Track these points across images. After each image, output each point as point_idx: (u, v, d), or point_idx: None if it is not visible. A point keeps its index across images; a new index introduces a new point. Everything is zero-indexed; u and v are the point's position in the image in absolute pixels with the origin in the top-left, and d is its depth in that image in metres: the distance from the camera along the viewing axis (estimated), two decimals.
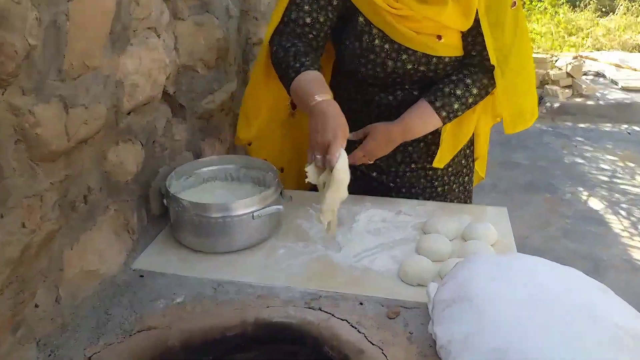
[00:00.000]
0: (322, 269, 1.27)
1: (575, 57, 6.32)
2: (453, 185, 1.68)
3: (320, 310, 1.14)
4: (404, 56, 1.41)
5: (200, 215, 1.26)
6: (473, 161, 1.73)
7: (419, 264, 1.23)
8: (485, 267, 1.04)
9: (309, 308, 1.14)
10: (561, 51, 7.10)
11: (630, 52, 7.21)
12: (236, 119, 1.99)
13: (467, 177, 1.72)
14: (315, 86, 1.26)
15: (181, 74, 1.51)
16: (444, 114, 1.44)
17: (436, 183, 1.64)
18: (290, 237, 1.39)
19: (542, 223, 3.38)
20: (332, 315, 1.12)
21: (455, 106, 1.44)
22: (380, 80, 1.47)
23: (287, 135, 1.70)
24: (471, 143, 1.69)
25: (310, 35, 1.41)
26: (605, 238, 3.20)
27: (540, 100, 5.52)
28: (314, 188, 1.34)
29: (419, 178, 1.63)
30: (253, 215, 1.28)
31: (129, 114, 1.22)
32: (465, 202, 1.74)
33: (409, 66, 1.42)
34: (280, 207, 1.34)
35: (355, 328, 1.08)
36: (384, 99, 1.51)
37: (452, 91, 1.43)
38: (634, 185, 3.92)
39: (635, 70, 6.07)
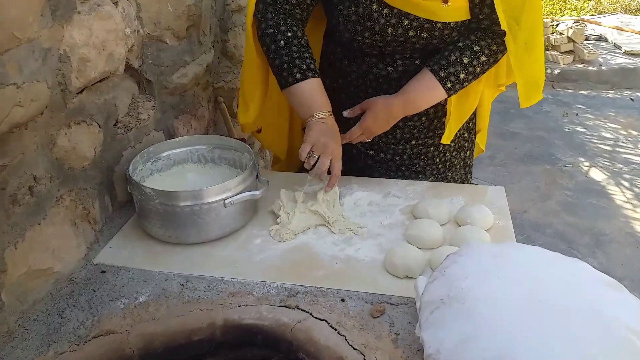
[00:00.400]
0: (301, 260, 1.16)
1: (576, 21, 6.10)
2: (454, 161, 1.56)
3: (298, 308, 1.03)
4: (406, 22, 1.26)
5: (166, 204, 1.14)
6: (475, 134, 1.61)
7: (407, 254, 1.12)
8: (478, 262, 0.93)
9: (285, 307, 1.03)
10: (562, 15, 6.87)
11: (634, 14, 6.98)
12: (216, 93, 1.86)
13: (468, 152, 1.59)
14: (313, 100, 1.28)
15: (147, 45, 1.37)
16: (449, 85, 1.30)
17: (437, 160, 1.52)
18: (267, 225, 1.27)
19: (541, 196, 3.26)
20: (310, 314, 1.01)
21: (462, 76, 1.30)
22: (378, 49, 1.33)
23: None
24: (474, 115, 1.56)
25: (304, 5, 1.32)
26: (607, 211, 3.09)
27: None
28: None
29: (419, 155, 1.50)
30: (225, 203, 1.16)
31: (80, 92, 1.09)
32: (466, 177, 1.63)
33: (411, 33, 1.27)
34: (256, 192, 1.22)
35: (335, 330, 0.98)
36: (383, 70, 1.37)
37: (458, 59, 1.29)
38: (637, 155, 3.79)
39: (638, 33, 5.87)
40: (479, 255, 0.95)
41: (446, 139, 1.42)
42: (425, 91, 1.31)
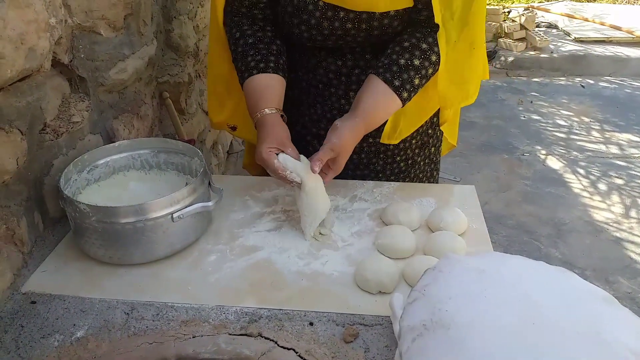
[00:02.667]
0: (263, 279, 1.03)
1: (526, 8, 6.17)
2: (417, 159, 1.46)
3: (261, 336, 0.91)
4: (342, 14, 1.15)
5: (104, 221, 0.99)
6: (440, 131, 1.51)
7: (379, 268, 1.02)
8: (461, 280, 0.83)
9: (246, 335, 0.91)
10: (512, 2, 6.94)
11: (580, 1, 7.12)
12: (161, 88, 1.70)
13: (433, 148, 1.49)
14: (255, 99, 1.18)
15: (77, 37, 1.21)
16: (405, 95, 1.17)
17: (398, 158, 1.42)
18: (223, 238, 1.14)
19: (501, 186, 3.24)
20: (276, 343, 0.90)
21: (416, 81, 1.17)
22: (320, 43, 1.23)
23: None
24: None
25: (261, 5, 1.25)
26: (565, 199, 3.10)
27: (494, 54, 5.37)
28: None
29: (377, 154, 1.40)
30: (173, 217, 1.02)
31: None
32: (432, 175, 1.54)
33: (349, 25, 1.17)
34: (209, 203, 1.08)
35: None
36: (332, 64, 1.27)
37: (409, 62, 1.16)
38: (590, 142, 3.84)
39: (587, 20, 5.98)
40: (461, 271, 0.86)
41: (394, 138, 1.32)
42: (383, 107, 1.18)
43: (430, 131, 1.45)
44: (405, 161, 1.43)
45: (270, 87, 1.20)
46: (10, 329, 0.93)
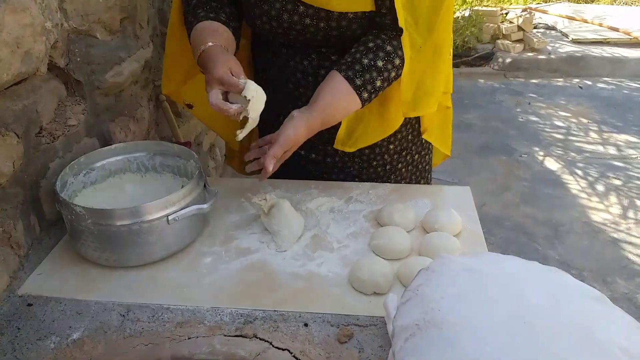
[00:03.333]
0: (258, 281, 1.04)
1: (524, 10, 6.18)
2: (397, 165, 1.44)
3: (256, 337, 0.92)
4: (302, 8, 1.15)
5: (100, 224, 1.00)
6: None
7: (374, 269, 1.02)
8: (454, 280, 0.84)
9: (241, 336, 0.92)
10: (510, 4, 6.95)
11: (577, 2, 7.14)
12: (157, 91, 1.70)
13: (417, 155, 1.48)
14: (203, 36, 1.12)
15: (73, 41, 1.21)
16: (365, 95, 1.16)
17: (375, 163, 1.40)
18: (218, 240, 1.14)
19: (499, 188, 3.25)
20: (270, 344, 0.90)
21: (378, 83, 1.16)
22: (282, 38, 1.23)
23: None
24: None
25: None
26: (563, 201, 3.11)
27: (492, 55, 5.38)
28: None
29: (352, 157, 1.38)
30: (168, 220, 1.03)
31: None
32: (418, 182, 1.52)
33: (308, 21, 1.17)
34: (204, 206, 1.09)
35: None
36: (299, 63, 1.27)
37: (372, 63, 1.15)
38: (588, 143, 3.85)
39: (585, 21, 6.00)
40: (454, 271, 0.86)
41: (348, 145, 1.29)
42: (342, 103, 1.17)
43: (410, 137, 1.42)
44: (383, 166, 1.42)
45: (219, 32, 1.15)
46: (6, 331, 0.93)
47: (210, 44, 1.09)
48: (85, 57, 1.24)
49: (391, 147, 1.39)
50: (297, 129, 1.12)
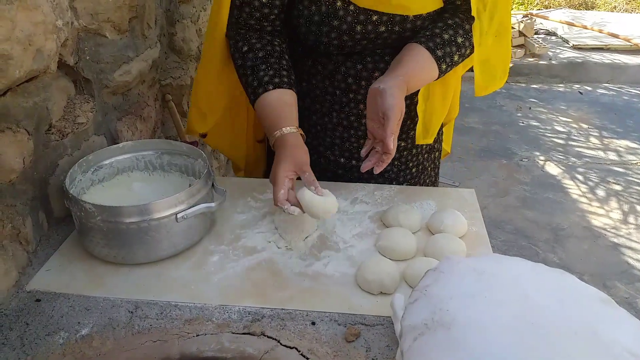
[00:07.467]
0: (265, 279, 1.04)
1: (525, 15, 6.21)
2: (426, 164, 1.46)
3: (264, 335, 0.92)
4: (375, 17, 1.14)
5: (109, 221, 1.01)
6: (442, 133, 1.52)
7: (380, 269, 1.03)
8: (462, 281, 0.84)
9: (249, 334, 0.92)
10: (511, 10, 6.98)
11: (578, 9, 7.18)
12: (164, 90, 1.71)
13: (437, 152, 1.50)
14: (274, 116, 1.15)
15: (83, 40, 1.22)
16: (443, 67, 1.16)
17: (410, 164, 1.42)
18: (226, 239, 1.15)
19: (499, 191, 3.26)
20: (278, 342, 0.91)
21: (455, 58, 1.17)
22: (349, 49, 1.21)
23: (248, 125, 1.46)
24: None
25: (272, 17, 1.19)
26: (563, 205, 3.12)
27: None
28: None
29: (392, 160, 1.35)
30: (177, 218, 1.03)
31: (3, 95, 0.94)
32: (435, 180, 1.54)
33: (382, 28, 1.16)
34: (212, 204, 1.09)
35: (307, 358, 0.87)
36: (351, 68, 1.24)
37: (452, 38, 1.16)
38: (588, 148, 3.87)
39: (585, 27, 6.02)
40: (462, 272, 0.87)
41: (429, 137, 1.31)
42: (424, 72, 1.15)
43: (436, 135, 1.45)
44: (417, 166, 1.43)
45: (288, 104, 1.16)
46: (15, 327, 0.93)
47: (285, 130, 1.11)
48: (95, 56, 1.25)
49: (424, 146, 1.41)
50: (395, 95, 1.06)
